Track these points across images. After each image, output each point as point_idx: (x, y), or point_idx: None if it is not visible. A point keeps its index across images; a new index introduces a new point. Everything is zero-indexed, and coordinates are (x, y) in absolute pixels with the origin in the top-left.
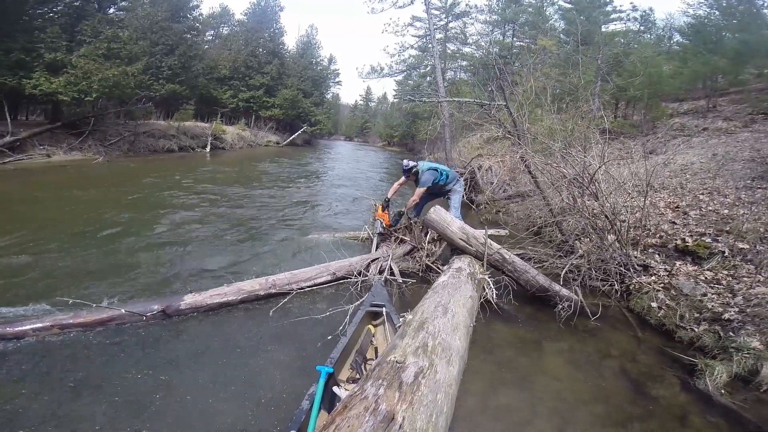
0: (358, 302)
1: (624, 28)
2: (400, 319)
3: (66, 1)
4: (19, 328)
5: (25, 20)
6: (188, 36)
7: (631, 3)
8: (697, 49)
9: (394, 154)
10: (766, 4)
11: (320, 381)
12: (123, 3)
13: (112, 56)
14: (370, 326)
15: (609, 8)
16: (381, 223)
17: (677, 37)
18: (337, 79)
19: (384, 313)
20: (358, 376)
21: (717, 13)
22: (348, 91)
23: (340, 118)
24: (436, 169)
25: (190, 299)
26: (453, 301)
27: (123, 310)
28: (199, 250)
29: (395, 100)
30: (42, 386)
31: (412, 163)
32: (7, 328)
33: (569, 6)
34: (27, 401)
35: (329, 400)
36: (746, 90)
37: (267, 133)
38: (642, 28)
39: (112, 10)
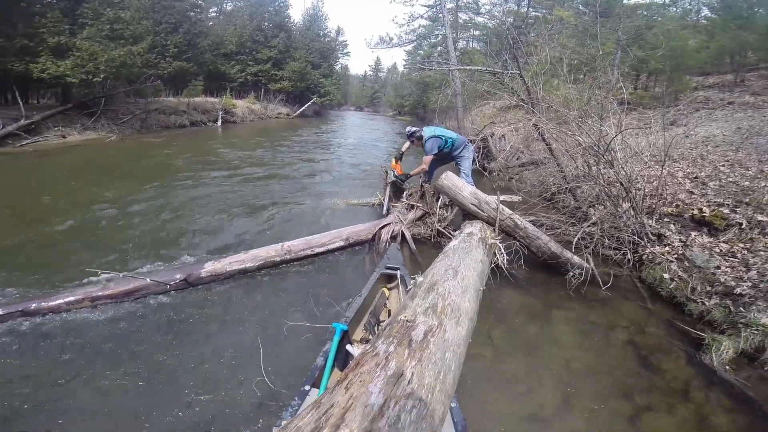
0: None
1: (647, 1)
2: (411, 282)
3: None
4: (54, 303)
5: (23, 6)
6: (192, 14)
7: None
8: (726, 23)
9: (405, 124)
10: None
11: (335, 338)
12: None
13: (115, 37)
14: (384, 289)
15: None
16: (394, 172)
17: (705, 12)
18: (345, 51)
19: (398, 276)
20: (371, 336)
21: None
22: (357, 62)
23: (349, 88)
24: (440, 137)
25: (210, 267)
26: (463, 264)
27: (148, 279)
28: (216, 219)
29: (405, 70)
30: (76, 359)
31: (414, 128)
32: (42, 303)
33: None
34: (66, 373)
35: (343, 358)
36: None
37: (277, 106)
38: (667, 1)
39: None
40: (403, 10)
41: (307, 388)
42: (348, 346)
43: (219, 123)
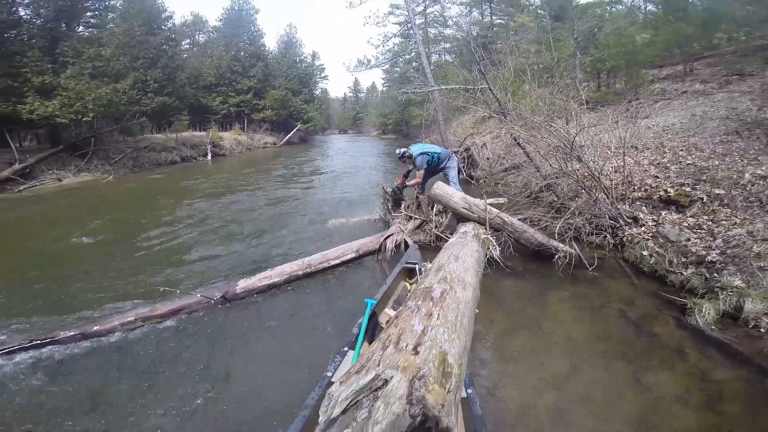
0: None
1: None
2: (423, 269)
3: (36, 23)
4: (110, 325)
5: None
6: (166, 47)
7: None
8: (667, 17)
9: (390, 142)
10: None
11: (367, 311)
12: (93, 21)
13: (98, 75)
14: (406, 284)
15: None
16: (395, 183)
17: (651, 7)
18: (323, 74)
19: (417, 271)
20: None
21: None
22: (336, 85)
23: (331, 112)
24: (427, 153)
25: (243, 284)
26: (462, 252)
27: (199, 295)
28: (234, 244)
29: (384, 89)
30: (130, 371)
31: (403, 150)
32: (99, 326)
33: None
34: (125, 384)
35: (371, 331)
36: (719, 54)
37: (263, 135)
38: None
39: (80, 29)
40: (377, 31)
41: (345, 349)
42: (387, 309)
43: (209, 157)
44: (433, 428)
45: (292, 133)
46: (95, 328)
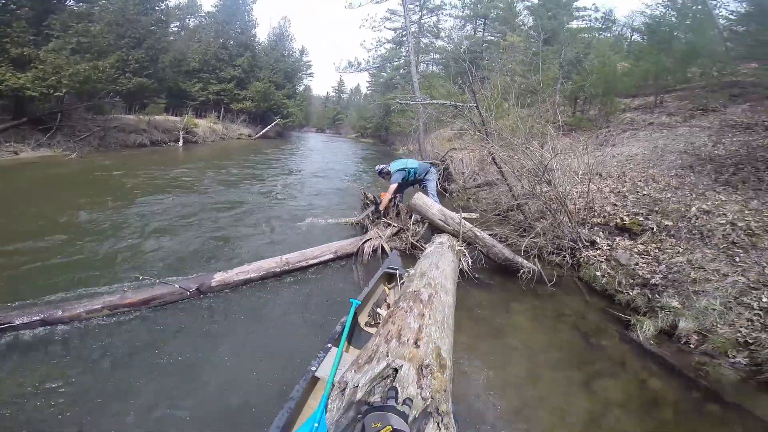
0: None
1: (587, 26)
2: (405, 274)
3: None
4: (74, 312)
5: None
6: (155, 29)
7: (593, 4)
8: (651, 48)
9: (367, 146)
10: (718, 4)
11: (351, 310)
12: None
13: (81, 50)
14: (385, 288)
15: (574, 6)
16: (378, 199)
17: (636, 37)
18: (309, 71)
19: (397, 276)
20: (374, 322)
21: (674, 13)
22: (319, 83)
23: (311, 109)
24: (403, 169)
25: (219, 277)
26: (441, 261)
27: (177, 285)
28: (207, 238)
29: (368, 92)
30: (102, 362)
31: (383, 166)
32: (62, 312)
33: (538, 2)
34: (97, 375)
35: (351, 333)
36: (689, 87)
37: (239, 126)
38: (602, 26)
39: (70, 2)
40: (372, 36)
41: (329, 345)
42: (368, 310)
43: (180, 143)
44: (434, 412)
45: (269, 127)
46: (58, 314)
